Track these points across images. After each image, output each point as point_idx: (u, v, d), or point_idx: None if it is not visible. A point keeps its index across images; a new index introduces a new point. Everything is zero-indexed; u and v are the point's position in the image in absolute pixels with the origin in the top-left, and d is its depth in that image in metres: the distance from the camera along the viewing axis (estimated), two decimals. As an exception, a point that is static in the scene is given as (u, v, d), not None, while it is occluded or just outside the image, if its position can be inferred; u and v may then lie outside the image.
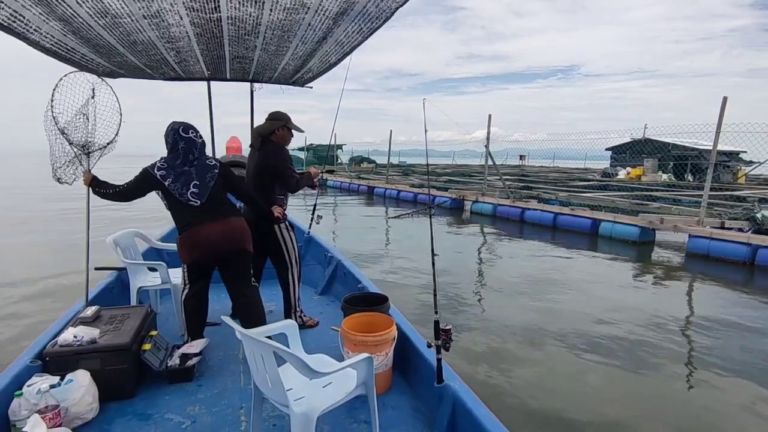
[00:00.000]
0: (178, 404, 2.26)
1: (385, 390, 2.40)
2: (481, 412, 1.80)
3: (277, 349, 1.59)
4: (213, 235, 2.54)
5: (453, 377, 2.06)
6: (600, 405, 3.02)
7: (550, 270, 6.56)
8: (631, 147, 23.89)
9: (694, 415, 2.93)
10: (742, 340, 4.18)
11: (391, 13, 1.98)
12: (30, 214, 11.42)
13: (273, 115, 3.13)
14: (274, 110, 3.17)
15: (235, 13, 2.23)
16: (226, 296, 3.56)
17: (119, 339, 2.27)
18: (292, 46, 2.81)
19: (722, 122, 7.64)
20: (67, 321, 2.51)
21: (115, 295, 3.26)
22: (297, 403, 1.71)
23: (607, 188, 14.95)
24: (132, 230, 3.41)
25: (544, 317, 4.56)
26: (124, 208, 10.84)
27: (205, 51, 3.02)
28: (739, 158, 22.20)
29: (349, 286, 3.47)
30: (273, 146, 3.07)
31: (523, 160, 36.52)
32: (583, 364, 3.59)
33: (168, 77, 3.81)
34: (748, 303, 5.32)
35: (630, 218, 8.89)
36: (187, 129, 2.60)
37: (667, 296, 5.67)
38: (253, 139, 3.16)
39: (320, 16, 2.17)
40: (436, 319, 2.08)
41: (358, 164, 29.75)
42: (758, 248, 7.02)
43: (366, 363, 1.82)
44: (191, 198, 2.53)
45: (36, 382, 1.97)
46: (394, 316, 2.63)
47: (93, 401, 2.10)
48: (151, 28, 2.37)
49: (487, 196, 12.53)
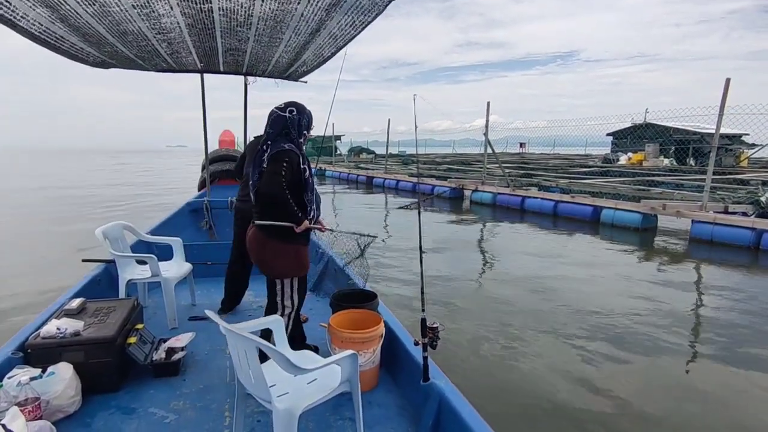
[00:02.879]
0: (163, 398, 2.24)
1: (372, 387, 2.39)
2: (465, 410, 1.79)
3: (260, 345, 1.57)
4: None
5: (439, 375, 2.04)
6: (603, 394, 3.00)
7: (550, 259, 6.52)
8: (632, 132, 23.58)
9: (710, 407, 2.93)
10: (753, 325, 4.18)
11: (384, 6, 1.96)
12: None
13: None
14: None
15: (226, 4, 2.21)
16: (216, 290, 3.56)
17: (104, 332, 2.25)
18: (285, 38, 2.78)
19: (725, 104, 7.49)
20: (52, 313, 2.47)
21: (102, 287, 3.23)
22: (280, 399, 1.69)
23: (608, 174, 14.71)
24: (121, 222, 3.37)
25: (545, 307, 4.53)
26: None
27: (197, 42, 3.00)
28: (742, 141, 21.91)
29: (340, 282, 3.45)
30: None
31: (523, 148, 36.31)
32: (585, 354, 3.57)
33: (160, 69, 3.78)
34: (757, 286, 5.30)
35: (632, 204, 8.75)
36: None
37: (672, 283, 5.59)
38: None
39: (313, 6, 2.15)
40: (423, 317, 2.06)
41: (357, 155, 29.65)
42: (763, 232, 6.88)
43: (350, 360, 1.81)
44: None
45: (17, 374, 1.94)
46: (383, 313, 2.61)
47: (75, 394, 2.08)
48: (141, 18, 2.34)
49: (487, 185, 12.39)
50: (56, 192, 15.23)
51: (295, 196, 2.22)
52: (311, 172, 2.33)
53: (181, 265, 3.41)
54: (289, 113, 2.23)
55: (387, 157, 20.56)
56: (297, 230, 2.23)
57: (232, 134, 6.23)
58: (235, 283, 3.40)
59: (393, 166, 20.36)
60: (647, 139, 20.79)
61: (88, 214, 10.31)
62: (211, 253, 4.21)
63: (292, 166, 2.18)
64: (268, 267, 2.33)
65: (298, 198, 2.26)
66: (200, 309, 2.93)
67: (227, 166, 5.75)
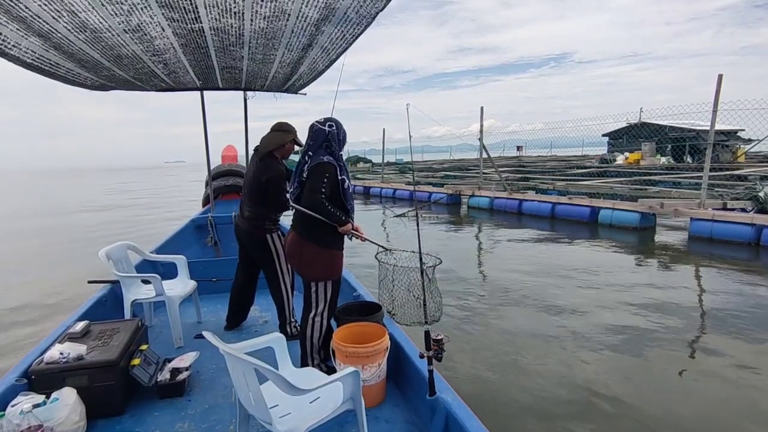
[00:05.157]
0: (167, 420, 2.22)
1: (379, 402, 2.34)
2: (473, 425, 1.74)
3: (258, 367, 1.54)
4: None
5: (446, 389, 2.00)
6: (613, 393, 2.94)
7: (549, 262, 6.45)
8: (627, 132, 23.54)
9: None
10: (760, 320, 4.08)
11: (372, 18, 1.95)
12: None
13: (283, 126, 2.98)
14: (282, 121, 3.03)
15: (216, 24, 2.21)
16: (223, 307, 3.54)
17: (106, 355, 2.24)
18: (278, 54, 2.79)
19: (719, 100, 7.49)
20: (56, 337, 2.48)
21: (108, 308, 3.23)
22: (281, 420, 1.66)
23: (605, 174, 14.70)
24: (124, 243, 3.38)
25: (548, 309, 4.47)
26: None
27: (193, 61, 3.02)
28: (738, 137, 21.76)
29: (345, 294, 3.42)
30: (272, 160, 2.95)
31: (520, 151, 36.35)
32: (593, 354, 3.51)
33: (160, 88, 3.82)
34: (759, 284, 5.19)
35: (629, 204, 8.70)
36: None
37: (673, 282, 5.52)
38: (262, 147, 3.00)
39: (302, 22, 2.15)
40: (427, 329, 2.02)
41: (354, 164, 29.67)
42: (763, 228, 6.84)
43: (352, 377, 1.77)
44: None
45: (20, 402, 1.94)
46: (388, 326, 2.57)
47: (80, 419, 2.07)
48: (134, 41, 2.36)
49: (484, 190, 12.37)
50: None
51: (335, 205, 2.39)
52: (349, 181, 2.48)
53: (185, 283, 3.40)
54: (328, 127, 2.40)
55: (383, 166, 20.55)
56: (341, 230, 2.40)
57: (235, 149, 6.27)
58: (240, 299, 3.39)
59: (390, 175, 20.33)
60: (643, 138, 20.66)
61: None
62: (217, 269, 4.21)
63: (330, 180, 2.35)
64: (304, 270, 2.49)
65: (340, 206, 2.42)
66: (206, 326, 2.92)
67: (231, 182, 5.78)
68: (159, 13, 2.03)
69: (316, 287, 2.49)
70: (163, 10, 2.00)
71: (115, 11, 1.92)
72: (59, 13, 1.86)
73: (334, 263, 2.48)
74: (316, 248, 2.42)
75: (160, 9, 1.97)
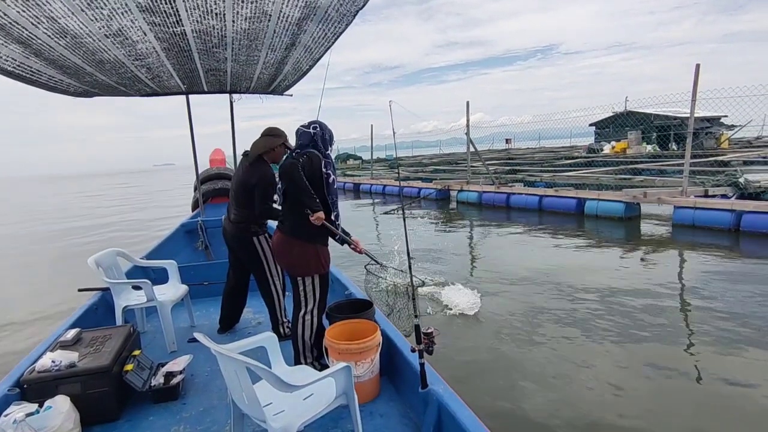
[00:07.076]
0: (163, 424, 2.22)
1: (373, 397, 2.37)
2: (465, 414, 1.78)
3: (250, 365, 1.56)
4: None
5: (438, 381, 2.03)
6: (605, 391, 2.99)
7: (538, 256, 6.49)
8: (613, 121, 23.71)
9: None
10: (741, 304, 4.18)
11: (353, 16, 1.96)
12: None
13: (273, 131, 2.98)
14: (272, 126, 3.03)
15: (198, 26, 2.21)
16: (215, 310, 3.54)
17: (99, 361, 2.24)
18: (262, 55, 2.79)
19: (698, 89, 7.65)
20: (48, 346, 2.47)
21: (99, 316, 3.22)
22: (275, 418, 1.68)
23: (592, 164, 14.78)
24: (114, 249, 3.37)
25: (538, 302, 4.52)
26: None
27: (176, 65, 3.00)
28: (721, 123, 22.07)
29: (337, 292, 3.44)
30: (261, 164, 2.94)
31: (509, 144, 36.47)
32: (582, 345, 3.56)
33: (144, 93, 3.79)
34: (737, 270, 5.33)
35: (614, 194, 8.80)
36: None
37: (657, 269, 5.62)
38: (251, 151, 2.99)
39: (283, 22, 2.16)
40: (417, 323, 2.05)
41: (344, 162, 29.62)
42: (742, 214, 7.00)
43: (344, 372, 1.79)
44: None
45: (12, 411, 1.93)
46: (379, 322, 2.60)
47: (74, 427, 2.07)
48: (116, 46, 2.35)
49: (472, 184, 12.40)
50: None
51: (316, 192, 2.42)
52: (335, 176, 2.54)
53: (176, 288, 3.40)
54: (313, 129, 2.53)
55: (372, 162, 20.62)
56: (311, 219, 2.38)
57: (223, 153, 6.25)
58: (232, 301, 3.39)
59: (380, 171, 20.35)
60: (629, 127, 20.85)
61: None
62: (208, 272, 4.20)
63: (312, 161, 2.43)
64: (290, 266, 2.55)
65: (320, 196, 2.45)
66: (200, 330, 2.90)
67: (220, 185, 5.76)
68: (140, 17, 2.02)
69: (304, 284, 2.54)
70: (144, 14, 1.99)
71: (95, 16, 1.92)
72: (38, 19, 1.85)
73: (320, 258, 2.53)
74: (302, 244, 2.49)
75: (141, 13, 1.97)
